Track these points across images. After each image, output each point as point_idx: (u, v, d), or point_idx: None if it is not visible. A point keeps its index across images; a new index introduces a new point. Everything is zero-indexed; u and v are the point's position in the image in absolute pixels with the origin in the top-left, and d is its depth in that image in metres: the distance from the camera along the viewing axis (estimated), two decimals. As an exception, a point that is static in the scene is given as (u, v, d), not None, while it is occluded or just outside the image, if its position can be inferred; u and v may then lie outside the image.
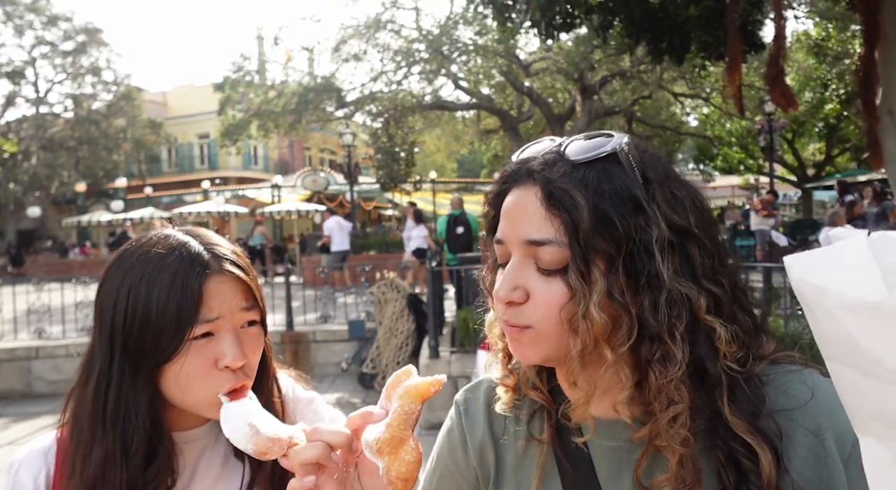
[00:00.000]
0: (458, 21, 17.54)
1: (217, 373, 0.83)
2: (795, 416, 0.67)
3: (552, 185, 0.67)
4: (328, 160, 37.30)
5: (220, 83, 18.98)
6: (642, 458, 0.69)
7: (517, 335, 0.70)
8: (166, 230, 0.90)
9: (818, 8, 16.68)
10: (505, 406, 0.81)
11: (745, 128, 22.41)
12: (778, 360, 0.72)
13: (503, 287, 0.69)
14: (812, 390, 0.68)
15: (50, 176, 27.60)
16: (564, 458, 0.75)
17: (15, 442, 6.01)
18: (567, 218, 0.65)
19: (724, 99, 17.82)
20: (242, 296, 0.87)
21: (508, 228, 0.70)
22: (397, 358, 7.12)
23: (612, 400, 0.71)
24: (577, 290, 0.65)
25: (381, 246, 15.88)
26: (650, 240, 0.65)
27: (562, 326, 0.67)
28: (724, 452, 0.66)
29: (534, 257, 0.68)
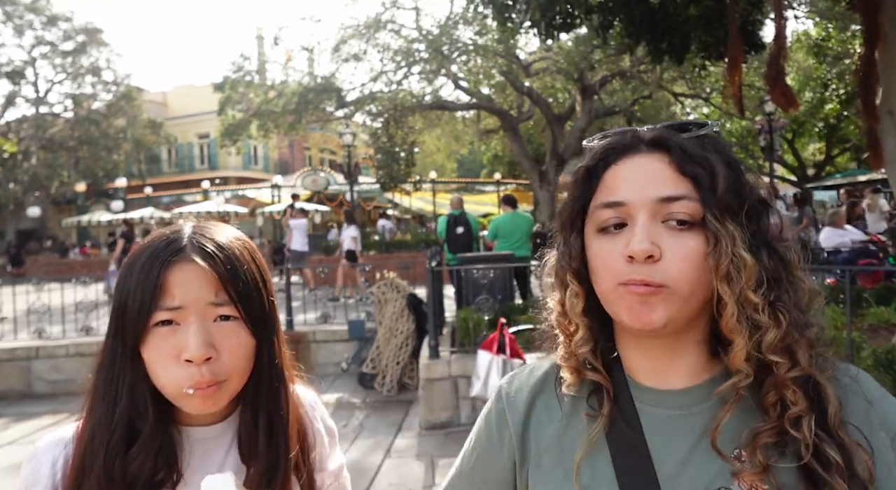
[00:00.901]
0: (458, 21, 17.53)
1: (179, 366, 0.82)
2: (849, 391, 0.74)
3: (685, 149, 0.73)
4: (328, 160, 37.30)
5: (220, 83, 18.98)
6: (728, 408, 0.72)
7: (649, 296, 0.71)
8: (179, 221, 0.92)
9: (818, 8, 16.67)
10: (570, 387, 0.82)
11: (745, 128, 22.42)
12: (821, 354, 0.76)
13: (641, 242, 0.70)
14: (857, 370, 0.76)
15: (50, 176, 27.60)
16: (618, 430, 0.77)
17: (15, 442, 6.00)
18: (704, 175, 0.71)
19: (725, 99, 17.82)
20: (212, 288, 0.85)
21: (632, 190, 0.73)
22: (397, 358, 7.11)
23: (674, 370, 0.77)
24: (721, 237, 0.70)
25: (381, 246, 15.87)
26: (760, 198, 0.74)
27: (694, 283, 0.70)
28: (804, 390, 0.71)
29: (664, 215, 0.72)
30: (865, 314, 5.28)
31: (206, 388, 0.83)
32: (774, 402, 0.70)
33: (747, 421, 0.72)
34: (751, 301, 0.70)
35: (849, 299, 4.20)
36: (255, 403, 0.92)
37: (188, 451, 0.90)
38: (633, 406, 0.78)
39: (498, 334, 4.90)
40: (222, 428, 0.94)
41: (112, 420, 0.85)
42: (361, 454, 5.20)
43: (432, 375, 5.70)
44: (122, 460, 0.83)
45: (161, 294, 0.83)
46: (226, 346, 0.85)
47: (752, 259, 0.70)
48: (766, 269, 0.71)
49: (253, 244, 0.96)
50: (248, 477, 0.91)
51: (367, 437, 5.63)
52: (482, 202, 25.62)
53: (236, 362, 0.86)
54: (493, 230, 8.62)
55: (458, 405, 5.65)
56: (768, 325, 0.70)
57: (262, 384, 0.92)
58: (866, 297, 5.60)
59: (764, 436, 0.69)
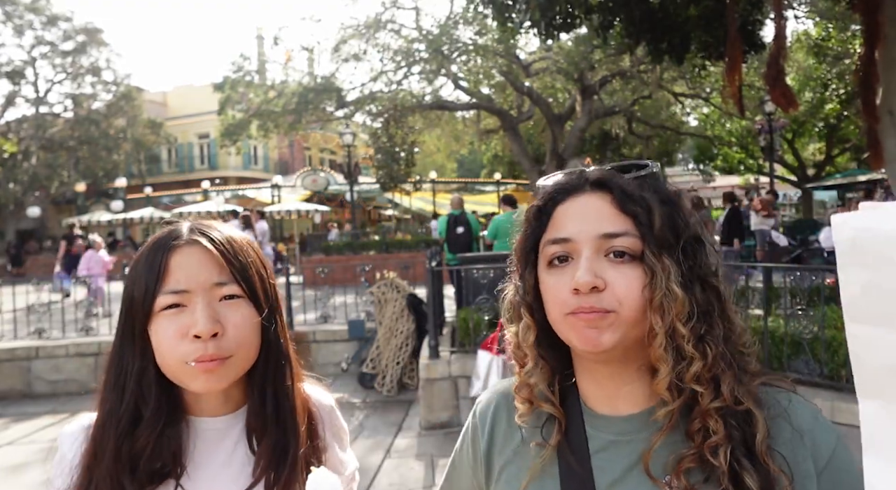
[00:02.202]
0: (458, 21, 17.53)
1: (187, 342, 0.86)
2: (780, 419, 0.77)
3: (625, 189, 0.78)
4: (328, 160, 37.30)
5: (220, 83, 18.97)
6: (661, 434, 0.76)
7: (597, 320, 0.75)
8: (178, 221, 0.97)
9: (818, 8, 16.67)
10: (522, 416, 0.87)
11: (745, 128, 22.40)
12: (767, 382, 0.80)
13: (586, 275, 0.75)
14: (789, 399, 0.79)
15: (50, 176, 27.57)
16: (568, 453, 0.82)
17: (15, 442, 6.00)
18: (642, 213, 0.76)
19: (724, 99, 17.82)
20: (215, 269, 0.89)
21: (578, 227, 0.78)
22: (397, 358, 7.11)
23: (626, 396, 0.81)
24: (657, 272, 0.74)
25: (381, 246, 15.87)
26: (696, 235, 0.78)
27: (640, 310, 0.74)
28: (724, 421, 0.73)
29: (606, 250, 0.76)
30: (865, 314, 5.27)
31: (209, 361, 0.86)
32: (698, 430, 0.74)
33: (680, 447, 0.75)
34: (679, 333, 0.74)
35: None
36: (263, 382, 0.95)
37: (194, 442, 0.93)
38: (584, 432, 0.83)
39: (498, 334, 4.90)
40: (231, 420, 0.95)
41: (121, 406, 0.89)
42: (361, 454, 5.20)
43: (432, 375, 5.70)
44: (128, 443, 0.87)
45: (166, 278, 0.88)
46: (231, 322, 0.88)
47: (682, 293, 0.73)
48: (698, 303, 0.75)
49: (249, 238, 1.00)
50: (258, 455, 0.93)
51: (367, 437, 5.63)
52: (482, 202, 25.62)
53: (242, 337, 0.90)
54: (493, 230, 8.62)
55: (458, 405, 5.65)
56: (693, 357, 0.74)
57: (269, 363, 0.95)
58: (866, 297, 5.59)
59: (686, 461, 0.73)
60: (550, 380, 0.85)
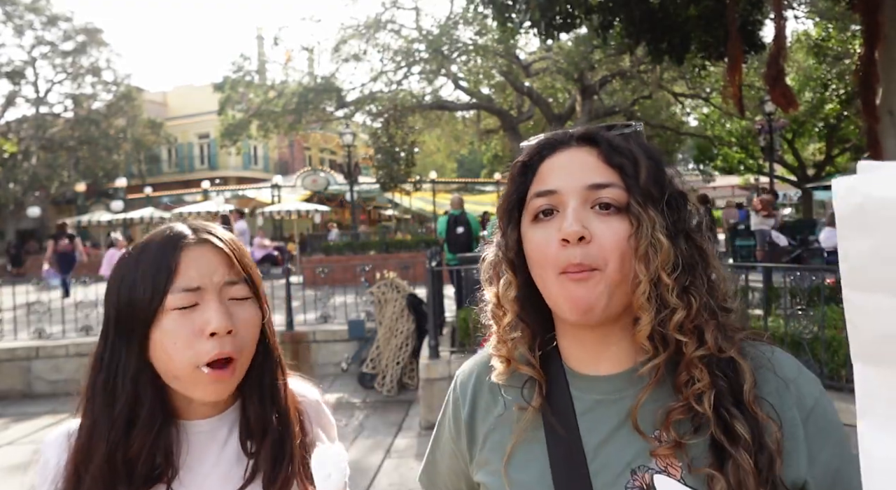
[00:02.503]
0: (458, 21, 17.55)
1: (202, 341, 0.85)
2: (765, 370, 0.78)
3: (611, 142, 0.79)
4: (328, 160, 37.30)
5: (220, 83, 18.99)
6: (647, 388, 0.76)
7: (585, 278, 0.74)
8: (169, 222, 0.96)
9: (818, 8, 16.68)
10: (500, 377, 0.86)
11: (745, 128, 22.40)
12: (749, 337, 0.81)
13: (572, 224, 0.74)
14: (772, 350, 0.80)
15: (50, 176, 27.57)
16: (552, 416, 0.81)
17: (15, 442, 6.00)
18: (628, 165, 0.77)
19: (725, 99, 17.84)
20: (226, 268, 0.90)
21: (564, 179, 0.78)
22: (397, 358, 7.11)
23: (611, 356, 0.80)
24: (643, 221, 0.75)
25: (381, 246, 15.86)
26: (681, 191, 0.80)
27: (626, 265, 0.74)
28: (709, 369, 0.74)
29: (592, 201, 0.76)
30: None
31: (222, 370, 0.86)
32: (686, 382, 0.74)
33: (667, 400, 0.76)
34: (663, 282, 0.74)
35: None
36: (261, 382, 0.96)
37: (185, 445, 0.92)
38: (569, 393, 0.82)
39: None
40: (219, 421, 0.95)
41: (113, 410, 0.87)
42: (361, 454, 5.20)
43: (432, 375, 5.70)
44: (123, 446, 0.86)
45: (176, 277, 0.86)
46: (241, 321, 0.89)
47: (668, 242, 0.74)
48: (682, 255, 0.76)
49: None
50: (258, 455, 0.93)
51: (367, 437, 5.63)
52: (482, 202, 25.60)
53: (250, 337, 0.91)
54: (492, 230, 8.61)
55: (458, 405, 5.64)
56: (677, 306, 0.74)
57: (265, 363, 0.96)
58: (866, 297, 5.59)
59: (675, 413, 0.73)
60: (531, 343, 0.83)
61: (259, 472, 0.93)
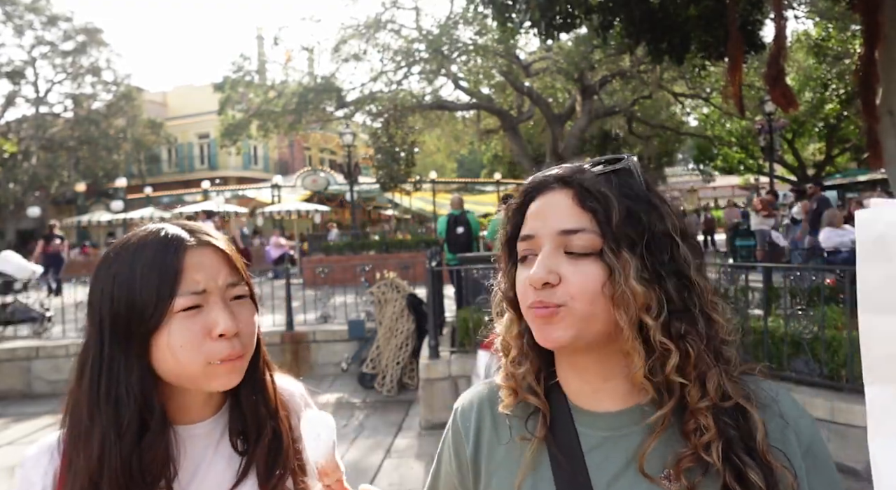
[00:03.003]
0: (458, 21, 17.53)
1: (211, 342, 0.86)
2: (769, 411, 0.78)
3: (585, 184, 0.78)
4: (328, 160, 37.30)
5: (220, 83, 18.97)
6: (655, 435, 0.76)
7: (549, 316, 0.76)
8: (146, 225, 0.94)
9: (818, 8, 16.67)
10: (507, 407, 0.87)
11: (745, 128, 22.41)
12: (745, 371, 0.81)
13: (539, 270, 0.76)
14: (776, 390, 0.80)
15: (50, 176, 27.57)
16: (558, 450, 0.81)
17: (15, 442, 6.00)
18: (600, 210, 0.76)
19: (725, 99, 17.83)
20: (227, 269, 0.90)
21: (540, 224, 0.79)
22: (397, 358, 7.11)
23: (606, 393, 0.81)
24: (614, 268, 0.74)
25: (381, 246, 15.86)
26: (667, 230, 0.77)
27: (592, 304, 0.75)
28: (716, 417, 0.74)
29: (564, 246, 0.77)
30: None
31: (235, 360, 0.88)
32: (694, 430, 0.74)
33: (674, 444, 0.76)
34: (647, 325, 0.74)
35: (849, 299, 4.21)
36: (254, 378, 0.96)
37: (182, 449, 0.92)
38: (574, 428, 0.82)
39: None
40: (210, 424, 0.96)
41: (121, 419, 0.85)
42: (361, 454, 5.20)
43: (432, 375, 5.70)
44: (138, 455, 0.85)
45: (182, 279, 0.86)
46: (243, 321, 0.90)
47: (642, 289, 0.73)
48: (670, 298, 0.75)
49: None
50: (254, 454, 0.94)
51: (367, 437, 5.63)
52: (482, 202, 25.60)
53: (252, 335, 0.93)
54: (492, 230, 8.62)
55: (458, 405, 5.64)
56: (670, 349, 0.74)
57: (257, 360, 0.97)
58: (866, 297, 5.59)
59: (685, 461, 0.74)
60: (536, 374, 0.85)
61: (252, 468, 0.94)
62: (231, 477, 0.94)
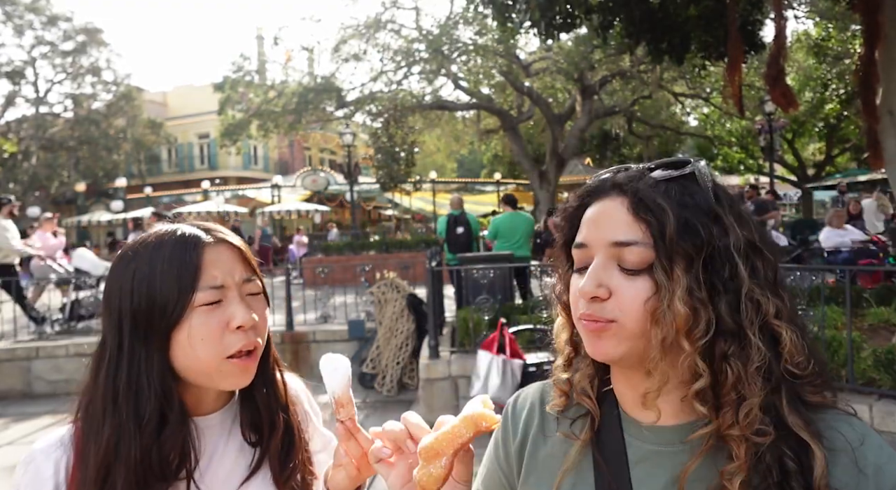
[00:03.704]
0: (458, 21, 17.54)
1: (229, 334, 0.90)
2: (843, 454, 0.71)
3: (640, 194, 0.74)
4: (328, 160, 37.30)
5: (220, 83, 18.98)
6: (697, 457, 0.73)
7: (599, 330, 0.75)
8: (160, 225, 0.97)
9: (818, 8, 16.67)
10: (556, 407, 0.87)
11: (745, 128, 22.41)
12: (832, 405, 0.75)
13: (589, 283, 0.74)
14: (862, 435, 0.72)
15: (50, 176, 27.58)
16: (601, 456, 0.80)
17: (15, 442, 6.00)
18: (654, 222, 0.72)
19: (725, 99, 17.83)
20: (243, 266, 0.94)
21: (593, 233, 0.77)
22: (397, 358, 7.11)
23: (662, 406, 0.77)
24: (662, 285, 0.71)
25: (381, 246, 15.87)
26: (728, 245, 0.72)
27: (643, 321, 0.72)
28: (773, 451, 0.69)
29: (617, 259, 0.74)
30: (865, 314, 5.27)
31: (247, 358, 0.91)
32: (728, 456, 0.71)
33: (721, 464, 0.72)
34: (682, 347, 0.71)
35: (849, 299, 4.21)
36: (265, 373, 1.00)
37: (198, 440, 0.95)
38: (622, 437, 0.80)
39: (498, 334, 4.90)
40: (222, 415, 0.99)
41: (141, 413, 0.88)
42: (361, 454, 5.19)
43: (432, 375, 5.70)
44: (157, 447, 0.87)
45: (201, 275, 0.89)
46: (260, 314, 0.94)
47: (685, 311, 0.70)
48: (721, 320, 0.71)
49: None
50: (266, 449, 0.97)
51: (367, 437, 5.63)
52: (482, 202, 25.61)
53: (265, 329, 0.97)
54: (492, 230, 8.62)
55: (458, 405, 5.64)
56: (701, 374, 0.71)
57: (268, 354, 1.01)
58: (866, 297, 5.60)
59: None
60: (591, 379, 0.84)
61: (265, 460, 0.97)
62: (243, 467, 0.97)
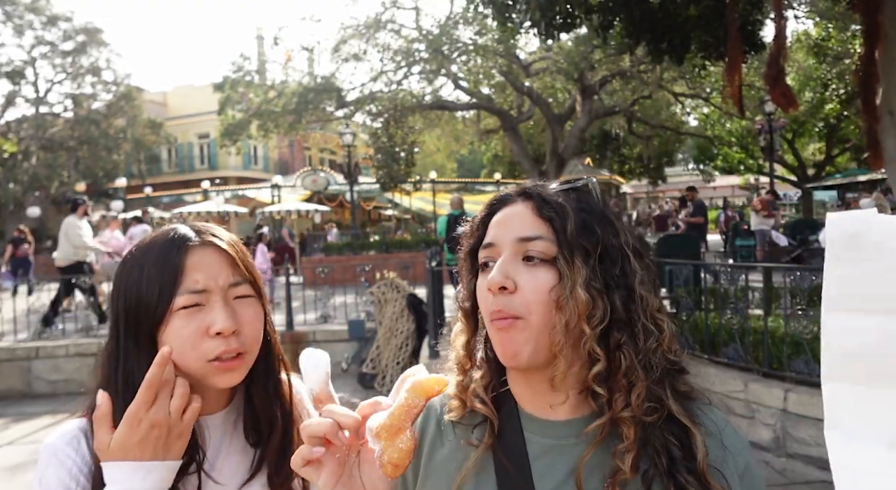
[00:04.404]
0: (458, 21, 17.53)
1: (209, 339, 0.89)
2: (713, 438, 0.80)
3: (543, 197, 0.82)
4: (328, 160, 37.29)
5: (220, 83, 18.97)
6: (592, 447, 0.77)
7: (508, 327, 0.77)
8: (166, 226, 0.98)
9: (818, 8, 16.67)
10: (455, 416, 0.87)
11: (745, 128, 22.41)
12: (696, 396, 0.83)
13: (497, 275, 0.78)
14: (724, 421, 0.82)
15: (50, 176, 27.58)
16: (503, 455, 0.82)
17: (15, 442, 6.00)
18: (557, 219, 0.79)
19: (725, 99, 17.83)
20: (230, 269, 0.93)
21: (500, 232, 0.82)
22: (397, 358, 7.11)
23: (559, 402, 0.82)
24: (564, 275, 0.77)
25: (381, 246, 15.87)
26: (620, 245, 0.80)
27: (548, 312, 0.77)
28: (659, 436, 0.76)
29: (523, 253, 0.79)
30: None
31: (231, 361, 0.90)
32: (618, 438, 0.76)
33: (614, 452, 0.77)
34: (584, 332, 0.76)
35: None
36: (266, 376, 1.00)
37: (201, 436, 0.96)
38: (522, 435, 0.83)
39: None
40: (224, 416, 1.00)
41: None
42: (361, 454, 5.19)
43: (432, 375, 5.70)
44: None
45: (183, 279, 0.89)
46: (245, 320, 0.93)
47: (586, 297, 0.76)
48: (615, 310, 0.77)
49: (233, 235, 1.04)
50: (266, 452, 0.97)
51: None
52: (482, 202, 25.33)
53: (255, 334, 0.95)
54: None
55: (458, 405, 5.64)
56: (599, 358, 0.76)
57: (269, 358, 1.00)
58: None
59: (620, 474, 0.75)
60: (487, 384, 0.86)
61: (265, 461, 0.97)
62: (246, 467, 0.97)
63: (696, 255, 7.99)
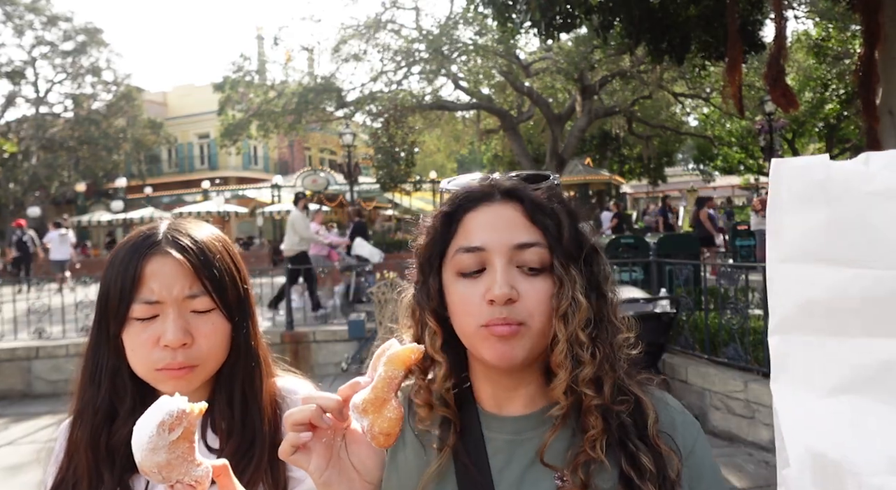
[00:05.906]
0: (458, 21, 17.53)
1: (157, 350, 0.89)
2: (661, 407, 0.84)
3: (534, 201, 0.80)
4: (328, 160, 37.28)
5: (220, 83, 18.97)
6: (550, 435, 0.79)
7: (511, 334, 0.77)
8: (157, 219, 1.00)
9: (818, 8, 16.67)
10: (424, 421, 0.86)
11: (745, 128, 22.42)
12: (645, 380, 0.85)
13: (502, 286, 0.76)
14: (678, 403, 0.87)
15: (50, 176, 27.59)
16: (464, 454, 0.82)
17: (15, 442, 6.00)
18: (552, 225, 0.79)
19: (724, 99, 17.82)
20: (187, 281, 0.91)
21: (491, 237, 0.79)
22: (397, 358, 7.11)
23: (516, 399, 0.83)
24: (564, 282, 0.77)
25: (381, 246, 15.87)
26: (595, 246, 0.82)
27: (548, 320, 0.77)
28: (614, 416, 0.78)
29: (517, 261, 0.78)
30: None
31: (178, 370, 0.90)
32: (586, 428, 0.78)
33: (576, 443, 0.79)
34: (580, 340, 0.77)
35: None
36: (231, 384, 0.97)
37: None
38: (481, 433, 0.84)
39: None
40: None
41: (97, 400, 0.93)
42: (361, 454, 5.19)
43: (432, 375, 5.70)
44: (105, 435, 0.92)
45: (139, 286, 0.89)
46: (202, 333, 0.91)
47: (586, 302, 0.77)
48: (593, 310, 0.79)
49: (226, 237, 1.01)
50: (225, 454, 0.93)
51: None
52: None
53: (211, 347, 0.93)
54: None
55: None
56: (587, 362, 0.77)
57: (238, 365, 0.97)
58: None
59: (581, 456, 0.77)
60: (449, 385, 0.84)
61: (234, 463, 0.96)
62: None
63: (696, 255, 8.01)
